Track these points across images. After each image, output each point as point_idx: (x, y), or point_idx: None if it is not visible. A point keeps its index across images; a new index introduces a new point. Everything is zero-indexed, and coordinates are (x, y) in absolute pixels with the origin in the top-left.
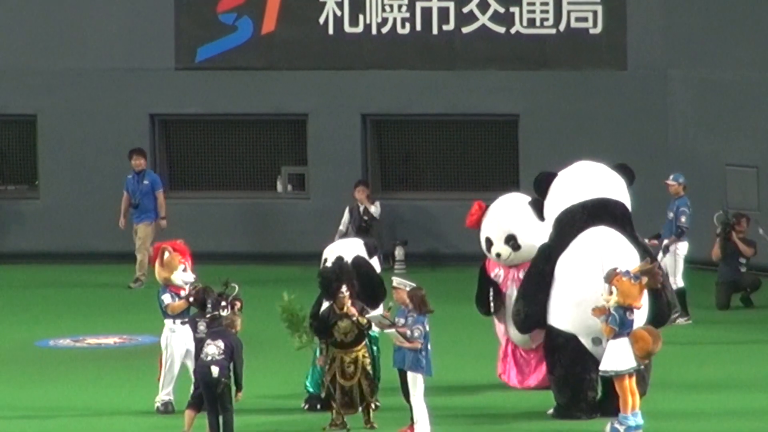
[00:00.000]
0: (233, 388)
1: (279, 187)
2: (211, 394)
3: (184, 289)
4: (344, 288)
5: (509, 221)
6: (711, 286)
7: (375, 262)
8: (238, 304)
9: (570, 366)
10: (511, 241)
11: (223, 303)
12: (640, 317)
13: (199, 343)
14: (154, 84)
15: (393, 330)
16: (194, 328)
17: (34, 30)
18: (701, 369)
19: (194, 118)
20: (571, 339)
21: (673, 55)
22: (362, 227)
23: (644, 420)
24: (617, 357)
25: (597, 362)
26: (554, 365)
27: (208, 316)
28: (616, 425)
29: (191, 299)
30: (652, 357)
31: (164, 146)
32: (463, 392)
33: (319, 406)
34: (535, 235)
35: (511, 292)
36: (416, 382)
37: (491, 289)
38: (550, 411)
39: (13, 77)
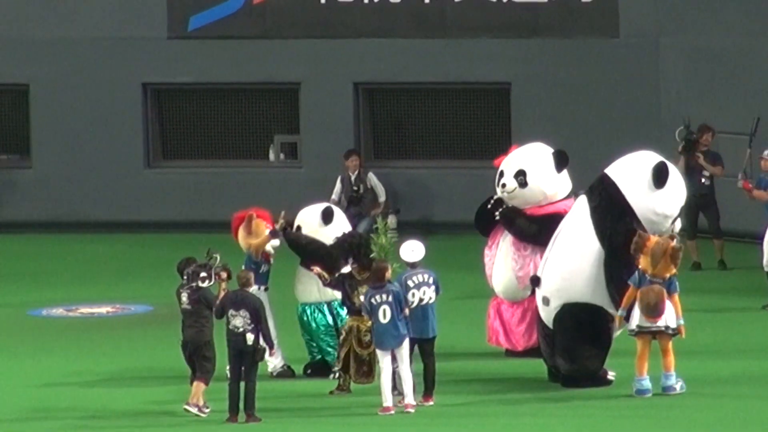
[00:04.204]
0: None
1: (271, 156)
2: (240, 362)
3: (271, 256)
4: (351, 260)
5: (525, 158)
6: (699, 255)
7: (333, 228)
8: (224, 275)
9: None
10: (521, 176)
11: (203, 274)
12: None
13: (184, 315)
14: (147, 53)
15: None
16: (179, 300)
17: None
18: (693, 336)
19: (186, 87)
20: None
21: (665, 22)
22: (353, 197)
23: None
24: (632, 317)
25: (543, 326)
26: None
27: (186, 287)
28: (633, 384)
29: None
30: (656, 315)
31: (156, 115)
32: (454, 359)
33: (309, 371)
34: (545, 180)
35: (502, 246)
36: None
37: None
38: None
39: (5, 46)
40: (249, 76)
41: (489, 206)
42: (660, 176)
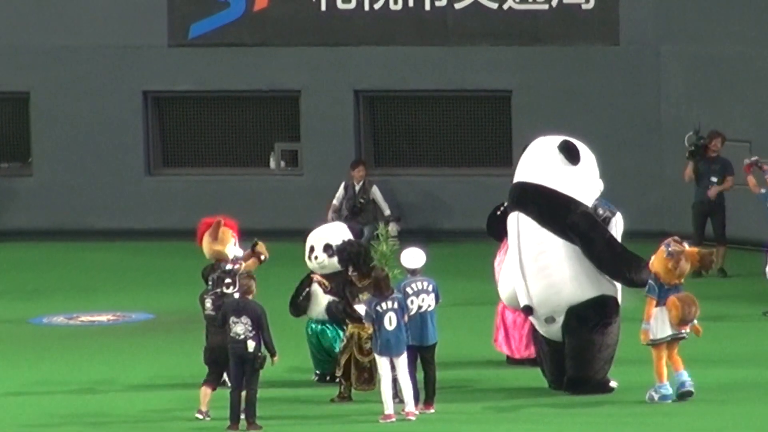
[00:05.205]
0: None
1: (272, 164)
2: (242, 370)
3: (235, 263)
4: (351, 269)
5: None
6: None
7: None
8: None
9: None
10: None
11: (228, 280)
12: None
13: (208, 321)
14: (147, 61)
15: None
16: (202, 306)
17: (27, 7)
18: (693, 343)
19: (187, 94)
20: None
21: (665, 30)
22: (356, 208)
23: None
24: (655, 326)
25: (547, 341)
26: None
27: (210, 293)
28: (652, 393)
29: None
30: (690, 323)
31: (157, 123)
32: (456, 367)
33: (328, 378)
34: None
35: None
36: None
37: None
38: None
39: (5, 54)
40: (250, 84)
41: (498, 213)
42: (570, 154)
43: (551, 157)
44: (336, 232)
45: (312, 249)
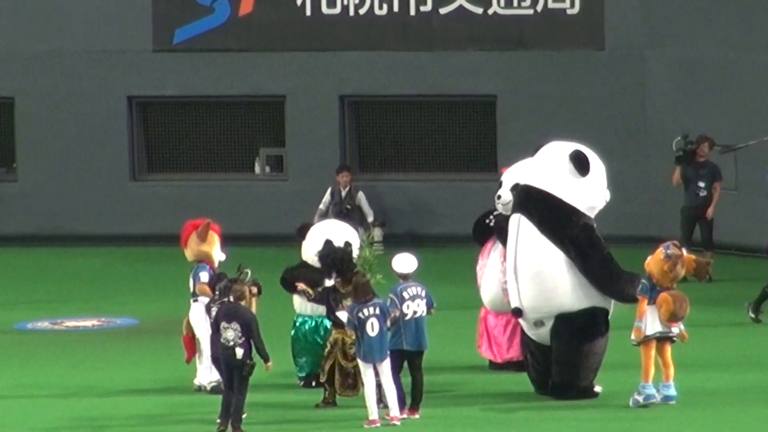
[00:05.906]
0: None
1: (257, 169)
2: (233, 376)
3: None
4: (335, 275)
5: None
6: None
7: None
8: (254, 290)
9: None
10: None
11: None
12: None
13: (214, 328)
14: (132, 66)
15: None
16: (209, 313)
17: (11, 12)
18: (678, 348)
19: (172, 100)
20: None
21: (651, 34)
22: (343, 213)
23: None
24: (650, 324)
25: (535, 344)
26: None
27: (217, 302)
28: (636, 396)
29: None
30: (681, 320)
31: (142, 128)
32: (440, 372)
33: (314, 384)
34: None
35: (493, 256)
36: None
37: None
38: None
39: None
40: (234, 89)
41: (487, 221)
42: (581, 164)
43: (561, 165)
44: (351, 232)
45: (329, 243)
